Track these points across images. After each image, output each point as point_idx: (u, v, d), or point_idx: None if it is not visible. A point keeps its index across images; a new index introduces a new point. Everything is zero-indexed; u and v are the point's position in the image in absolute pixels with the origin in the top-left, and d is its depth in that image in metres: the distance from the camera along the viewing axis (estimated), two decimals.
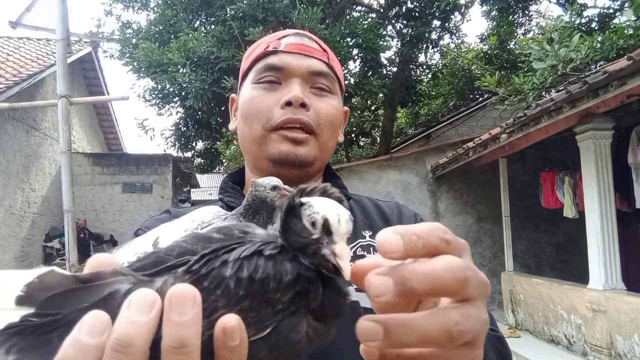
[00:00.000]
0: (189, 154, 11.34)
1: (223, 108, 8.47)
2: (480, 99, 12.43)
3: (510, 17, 11.98)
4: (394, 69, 11.85)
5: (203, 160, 12.03)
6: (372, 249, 0.78)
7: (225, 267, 0.34)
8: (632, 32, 5.79)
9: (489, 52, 13.49)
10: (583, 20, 8.58)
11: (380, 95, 11.52)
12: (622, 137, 5.63)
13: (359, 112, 13.40)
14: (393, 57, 12.34)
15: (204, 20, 8.77)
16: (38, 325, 0.30)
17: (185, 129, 10.09)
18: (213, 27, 8.02)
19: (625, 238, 5.63)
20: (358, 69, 9.45)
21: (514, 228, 7.39)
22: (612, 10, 8.78)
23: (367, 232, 0.82)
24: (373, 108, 13.60)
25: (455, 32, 12.01)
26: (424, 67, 13.09)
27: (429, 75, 13.69)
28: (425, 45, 11.61)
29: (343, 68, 0.91)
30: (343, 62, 8.28)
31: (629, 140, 5.60)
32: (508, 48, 12.66)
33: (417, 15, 10.47)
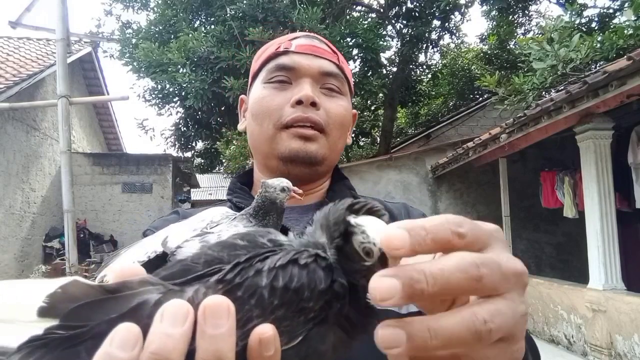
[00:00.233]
0: (189, 154, 11.35)
1: (223, 108, 8.47)
2: (480, 99, 12.44)
3: (510, 17, 11.99)
4: (394, 69, 11.86)
5: (203, 160, 12.04)
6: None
7: (260, 276, 0.33)
8: (632, 32, 5.79)
9: (489, 52, 13.51)
10: (583, 20, 8.58)
11: (380, 95, 11.53)
12: (622, 137, 5.63)
13: (359, 112, 13.41)
14: (393, 57, 12.36)
15: (204, 20, 8.77)
16: (64, 338, 0.28)
17: (185, 129, 10.10)
18: (213, 27, 8.02)
19: (625, 238, 5.63)
20: (358, 69, 9.46)
21: (514, 228, 7.38)
22: (612, 10, 8.79)
23: None
24: (373, 108, 13.62)
25: (455, 32, 12.03)
26: (424, 67, 13.11)
27: (429, 75, 13.70)
28: (425, 45, 11.62)
29: None
30: None
31: (629, 140, 5.60)
32: (508, 48, 12.67)
33: (417, 15, 10.48)
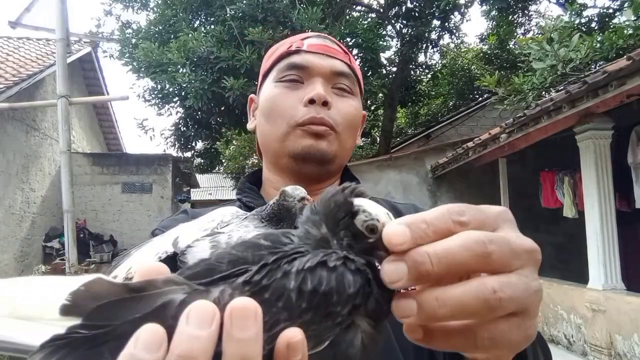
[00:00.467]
0: (189, 154, 11.34)
1: (223, 108, 8.47)
2: (480, 99, 12.44)
3: (510, 17, 11.99)
4: (394, 69, 11.86)
5: (203, 160, 12.03)
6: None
7: (288, 278, 0.32)
8: (631, 32, 5.79)
9: (489, 52, 13.51)
10: (583, 20, 8.58)
11: (380, 95, 11.53)
12: (622, 137, 5.63)
13: None
14: (393, 57, 12.35)
15: (204, 20, 8.77)
16: (87, 338, 0.28)
17: (185, 129, 10.08)
18: (213, 27, 8.02)
19: (625, 238, 5.63)
20: None
21: None
22: (611, 10, 8.79)
23: None
24: (373, 108, 13.60)
25: (455, 32, 12.02)
26: (424, 67, 13.11)
27: (429, 75, 13.70)
28: (425, 45, 11.63)
29: None
30: None
31: (629, 140, 5.60)
32: (508, 48, 12.68)
33: (416, 15, 10.48)
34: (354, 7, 10.80)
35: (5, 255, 8.33)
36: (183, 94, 8.04)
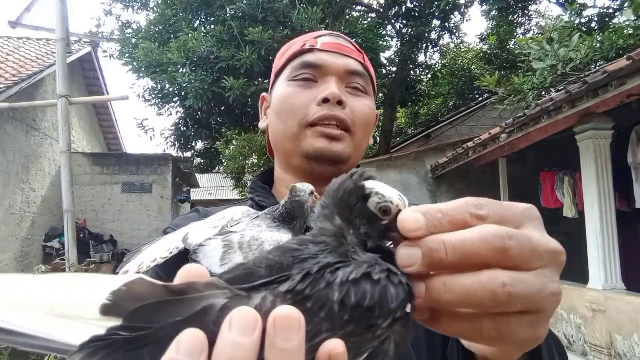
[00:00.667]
0: (189, 154, 11.34)
1: (223, 108, 8.47)
2: (480, 99, 12.43)
3: (510, 17, 11.99)
4: (394, 69, 11.86)
5: (203, 160, 12.03)
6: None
7: (331, 289, 0.32)
8: (632, 32, 5.80)
9: (489, 52, 13.51)
10: (583, 20, 8.58)
11: (380, 95, 11.52)
12: (622, 137, 5.63)
13: None
14: (393, 57, 12.35)
15: (204, 20, 8.77)
16: (127, 340, 0.27)
17: (185, 129, 10.09)
18: (213, 27, 8.01)
19: (625, 238, 5.63)
20: None
21: None
22: (612, 10, 8.79)
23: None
24: None
25: (455, 32, 12.02)
26: (424, 67, 13.10)
27: (429, 75, 13.69)
28: (425, 45, 11.63)
29: None
30: None
31: (629, 140, 5.60)
32: (508, 48, 12.68)
33: (417, 15, 10.48)
34: (354, 7, 10.80)
35: (6, 255, 8.34)
36: (183, 94, 8.04)
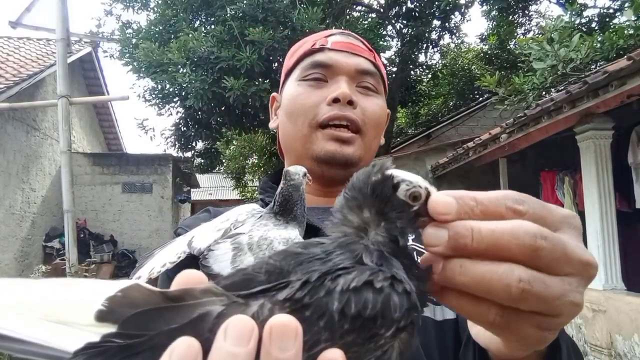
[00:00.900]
0: (189, 154, 11.34)
1: (223, 108, 8.47)
2: (480, 99, 12.43)
3: (510, 17, 11.98)
4: (394, 69, 11.85)
5: (203, 160, 12.03)
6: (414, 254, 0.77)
7: (331, 297, 0.31)
8: (632, 32, 5.79)
9: (489, 52, 13.50)
10: (583, 20, 8.57)
11: None
12: (622, 137, 5.62)
13: None
14: (393, 57, 12.34)
15: (204, 20, 8.77)
16: (121, 348, 0.27)
17: (185, 129, 10.08)
18: (213, 27, 8.01)
19: (625, 238, 5.62)
20: None
21: None
22: (612, 10, 8.78)
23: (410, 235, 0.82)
24: None
25: (455, 32, 12.01)
26: (424, 67, 13.09)
27: (429, 75, 13.68)
28: (425, 45, 11.62)
29: None
30: None
31: (629, 140, 5.60)
32: (508, 48, 12.66)
33: (417, 15, 10.48)
34: (354, 7, 10.79)
35: (6, 255, 8.34)
36: (183, 94, 8.03)
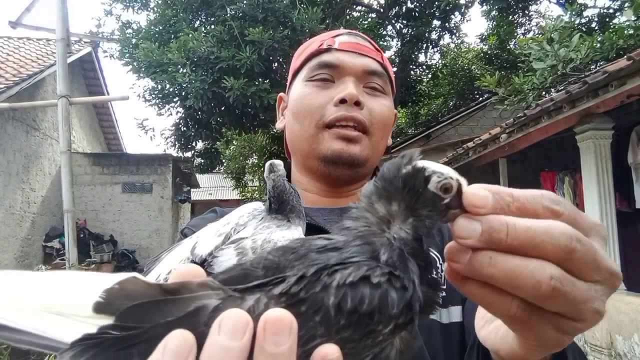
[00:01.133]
0: (189, 154, 11.35)
1: (223, 108, 8.47)
2: (480, 99, 12.42)
3: (510, 17, 11.99)
4: (394, 69, 11.85)
5: (203, 160, 12.04)
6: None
7: (327, 292, 0.30)
8: (632, 32, 5.79)
9: (489, 52, 13.50)
10: (583, 20, 8.57)
11: None
12: (622, 137, 5.62)
13: None
14: (393, 57, 12.34)
15: (204, 20, 8.77)
16: (117, 339, 0.27)
17: (185, 129, 10.09)
18: (213, 27, 8.02)
19: (625, 238, 5.62)
20: None
21: None
22: (612, 10, 8.78)
23: None
24: None
25: (455, 32, 12.03)
26: (424, 67, 13.11)
27: (429, 75, 13.69)
28: (425, 45, 11.63)
29: None
30: None
31: (629, 140, 5.59)
32: (508, 48, 12.67)
33: (417, 15, 10.49)
34: (354, 7, 10.80)
35: (6, 255, 8.34)
36: (183, 94, 8.04)
